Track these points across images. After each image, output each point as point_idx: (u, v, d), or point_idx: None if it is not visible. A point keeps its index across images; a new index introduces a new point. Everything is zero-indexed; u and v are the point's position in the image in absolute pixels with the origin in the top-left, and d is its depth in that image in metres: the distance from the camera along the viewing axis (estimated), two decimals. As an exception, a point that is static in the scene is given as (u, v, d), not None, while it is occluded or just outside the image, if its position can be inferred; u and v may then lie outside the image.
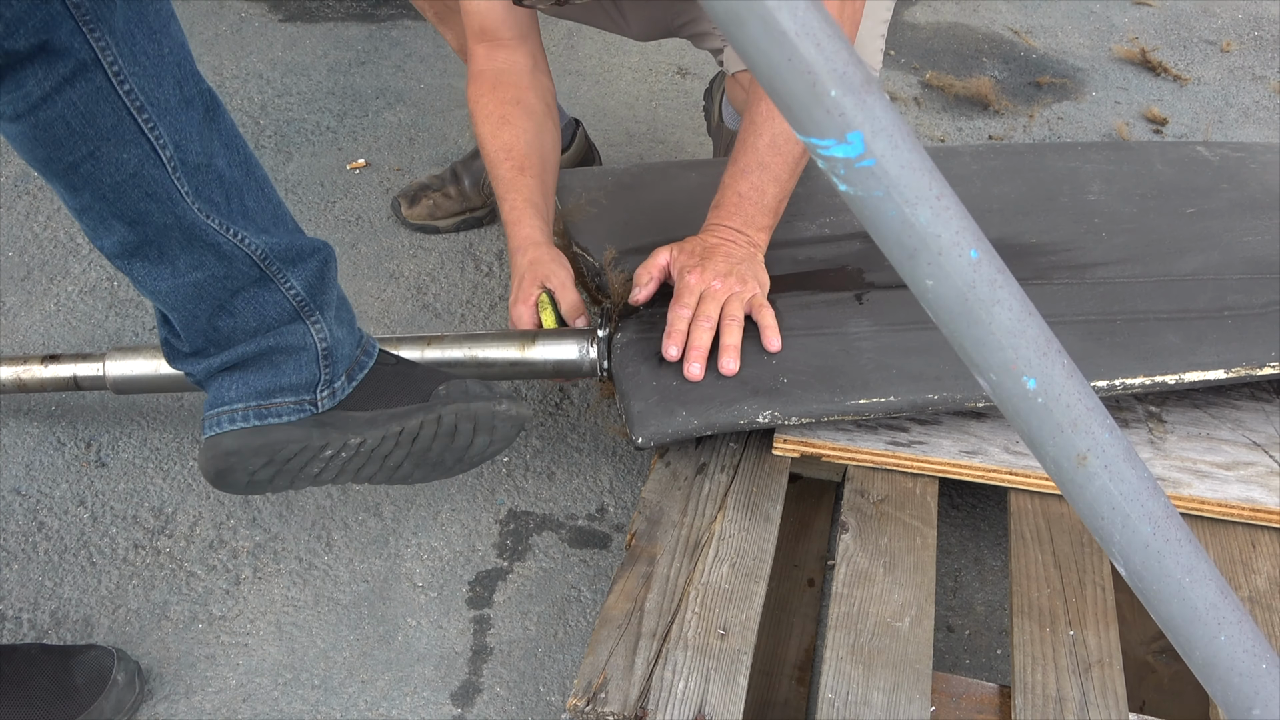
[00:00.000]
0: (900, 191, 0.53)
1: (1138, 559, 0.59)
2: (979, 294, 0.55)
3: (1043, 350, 0.56)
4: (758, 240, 1.58)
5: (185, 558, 1.59)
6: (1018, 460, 1.49)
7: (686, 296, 1.52)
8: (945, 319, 0.56)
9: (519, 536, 1.64)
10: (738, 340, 1.49)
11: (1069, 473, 0.58)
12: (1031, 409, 0.57)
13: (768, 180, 1.57)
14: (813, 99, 0.52)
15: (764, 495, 1.47)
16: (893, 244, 0.54)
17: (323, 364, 1.33)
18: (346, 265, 2.12)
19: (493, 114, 1.76)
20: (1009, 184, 1.89)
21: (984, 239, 0.55)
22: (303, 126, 2.50)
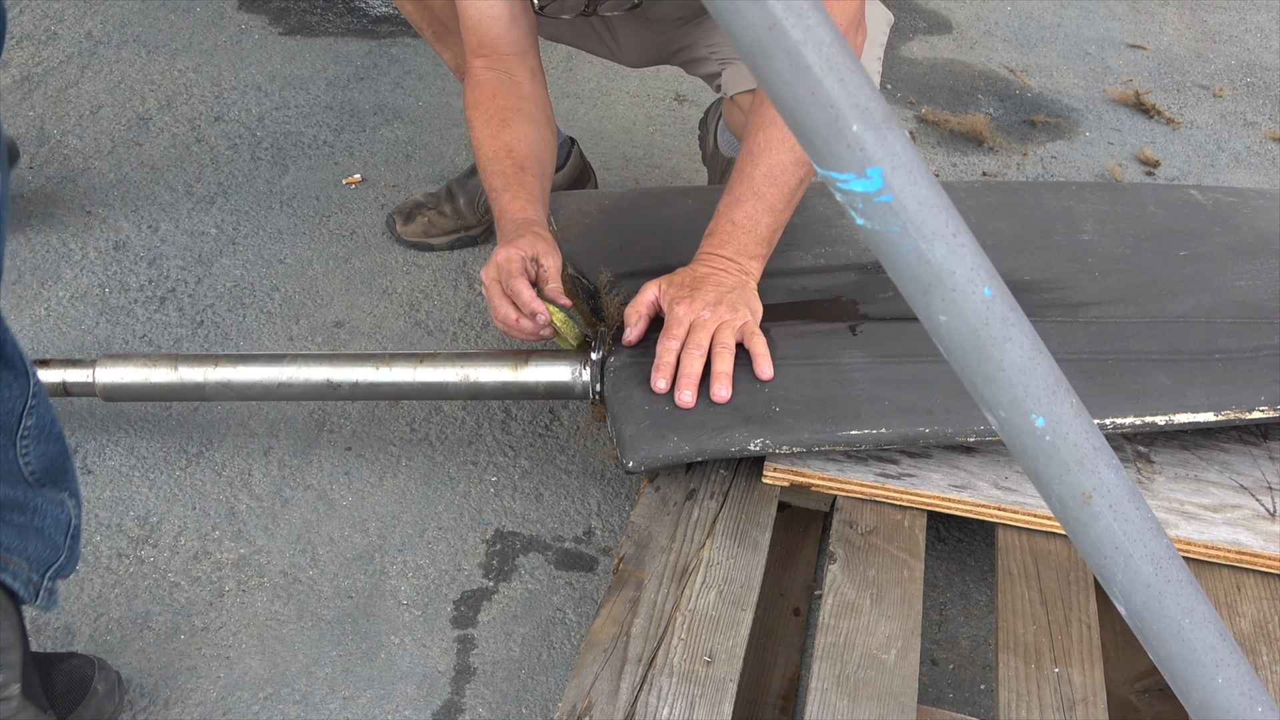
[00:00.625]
0: (917, 227, 0.53)
1: (1139, 599, 0.59)
2: (991, 331, 0.55)
3: (1052, 389, 0.57)
4: (750, 269, 1.58)
5: (169, 568, 1.59)
6: (1006, 496, 1.49)
7: (676, 328, 1.52)
8: (957, 354, 0.56)
9: (505, 557, 1.63)
10: (729, 368, 1.49)
11: (1074, 511, 0.58)
12: (1039, 446, 0.58)
13: (762, 210, 1.57)
14: (834, 133, 0.52)
15: (753, 523, 1.47)
16: (908, 279, 0.55)
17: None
18: (340, 280, 2.12)
19: (493, 117, 1.73)
20: (1003, 221, 1.90)
21: (997, 277, 0.56)
22: (300, 140, 2.51)
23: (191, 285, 2.07)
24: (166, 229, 2.20)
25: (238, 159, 2.42)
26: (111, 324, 1.98)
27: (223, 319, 2.01)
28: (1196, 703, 0.62)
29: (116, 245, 2.15)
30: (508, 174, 1.68)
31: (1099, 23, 3.37)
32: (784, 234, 1.67)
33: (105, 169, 2.35)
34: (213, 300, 2.05)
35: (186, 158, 2.41)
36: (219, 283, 2.09)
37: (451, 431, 1.82)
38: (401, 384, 1.61)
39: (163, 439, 1.77)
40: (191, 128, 2.51)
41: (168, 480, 1.71)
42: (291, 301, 2.06)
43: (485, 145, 1.71)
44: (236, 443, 1.78)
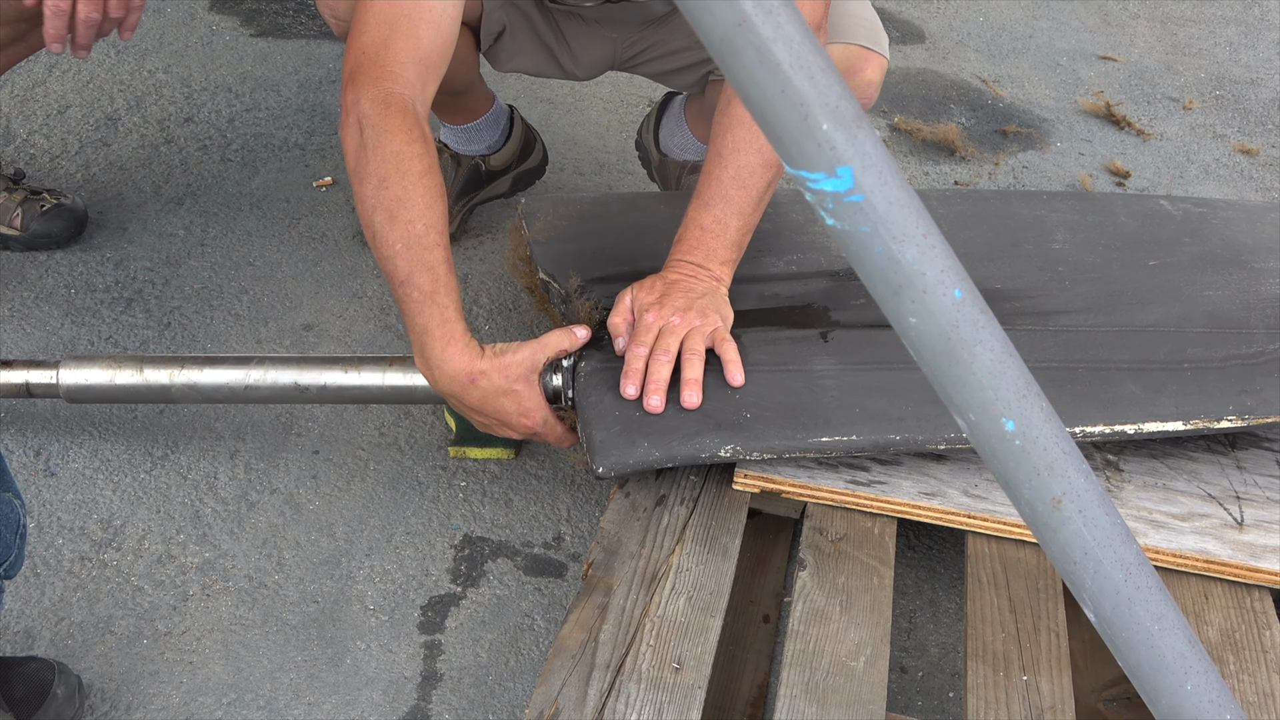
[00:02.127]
0: (887, 228, 0.53)
1: (1108, 605, 0.59)
2: (961, 334, 0.55)
3: (1022, 392, 0.56)
4: (720, 274, 1.57)
5: (132, 572, 1.57)
6: (976, 504, 1.49)
7: (644, 335, 1.50)
8: (926, 357, 0.56)
9: (473, 562, 1.62)
10: (699, 374, 1.48)
11: (1043, 516, 0.58)
12: (1009, 451, 0.57)
13: (731, 214, 1.56)
14: (804, 132, 0.52)
15: (723, 529, 1.46)
16: (877, 280, 0.54)
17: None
18: (309, 283, 2.10)
19: (427, 175, 1.45)
20: (974, 229, 1.90)
21: (968, 279, 0.55)
22: (270, 142, 2.49)
23: (159, 287, 2.05)
24: (134, 230, 2.18)
25: (207, 160, 2.40)
26: (77, 325, 1.95)
27: (190, 321, 1.99)
28: (1165, 710, 0.61)
29: (83, 246, 2.13)
30: (438, 274, 1.43)
31: (1070, 34, 3.39)
32: (755, 240, 1.66)
33: (72, 169, 2.33)
34: (180, 302, 2.03)
35: (155, 159, 2.39)
36: (187, 284, 2.07)
37: (421, 436, 1.81)
38: (370, 387, 1.60)
39: (127, 441, 1.75)
40: (161, 129, 2.48)
41: (132, 483, 1.69)
42: (260, 304, 2.04)
43: (410, 216, 1.43)
44: (202, 446, 1.76)
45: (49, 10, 1.64)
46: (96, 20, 1.66)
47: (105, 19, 1.67)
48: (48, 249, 2.10)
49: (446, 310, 1.43)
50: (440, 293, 1.43)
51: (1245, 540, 1.48)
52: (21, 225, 2.08)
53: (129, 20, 1.71)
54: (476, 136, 2.19)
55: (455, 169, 2.20)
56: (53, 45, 1.67)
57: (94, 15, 1.65)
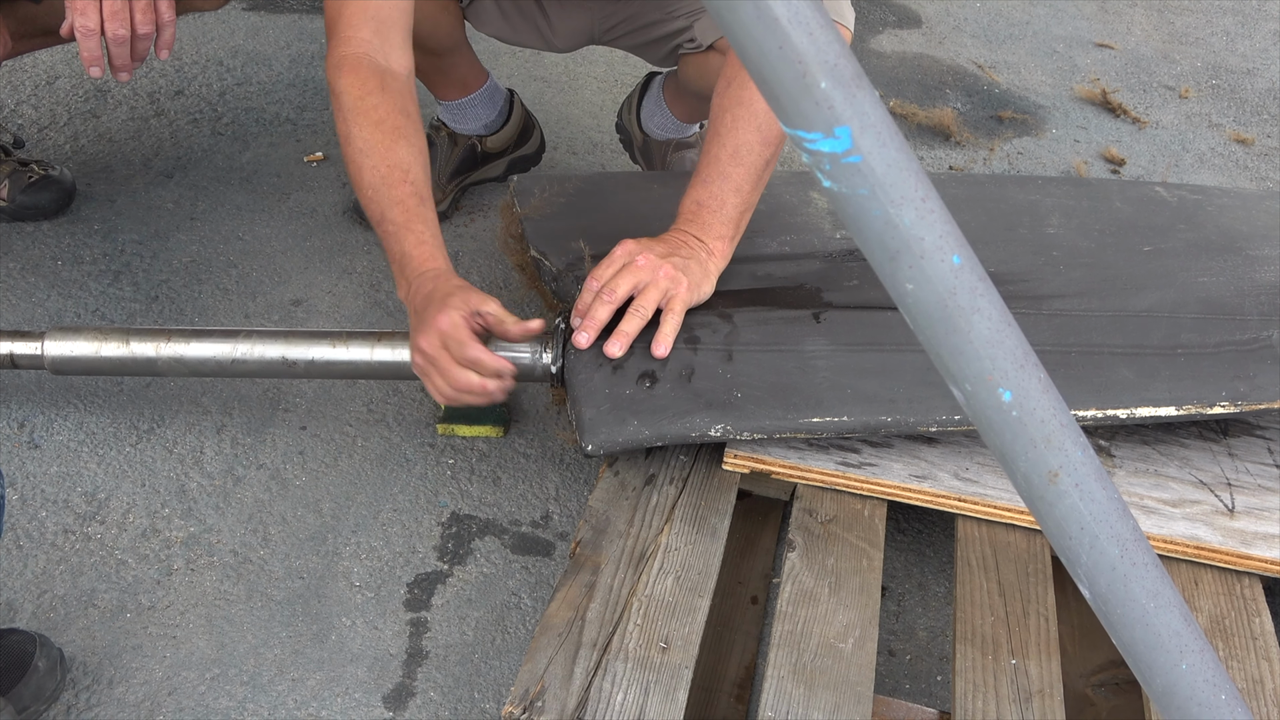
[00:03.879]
0: (885, 191, 0.52)
1: (1103, 581, 0.58)
2: (959, 301, 0.53)
3: (1020, 363, 0.55)
4: (714, 249, 1.55)
5: (116, 545, 1.55)
6: (967, 487, 1.48)
7: (604, 268, 1.50)
8: (923, 325, 0.55)
9: (460, 540, 1.61)
10: (634, 330, 1.47)
11: (1039, 489, 0.57)
12: (1006, 422, 0.56)
13: (728, 190, 1.55)
14: (802, 90, 0.50)
15: (712, 510, 1.45)
16: (875, 245, 0.53)
17: None
18: (298, 258, 2.08)
19: (385, 121, 1.51)
20: (969, 213, 1.89)
21: (967, 245, 0.54)
22: (261, 117, 2.47)
23: (147, 260, 2.03)
24: (122, 202, 2.16)
25: (197, 134, 2.38)
26: (63, 297, 1.93)
27: (178, 294, 1.97)
28: (1159, 689, 0.60)
29: (70, 218, 2.10)
30: (408, 205, 1.49)
31: (1067, 21, 3.38)
32: (751, 222, 1.65)
33: (60, 140, 2.31)
34: (168, 275, 2.00)
35: (145, 131, 2.37)
36: (175, 258, 2.05)
37: (409, 413, 1.79)
38: (358, 363, 1.58)
39: (113, 414, 1.73)
40: (151, 101, 2.46)
41: (117, 456, 1.67)
42: (249, 279, 2.02)
43: (375, 155, 1.50)
44: (189, 420, 1.74)
45: (79, 33, 1.63)
46: (124, 37, 1.64)
47: (135, 36, 1.65)
48: (35, 220, 2.08)
49: (422, 235, 1.49)
50: (414, 221, 1.49)
51: (1236, 527, 1.47)
52: (9, 196, 2.06)
53: (163, 37, 1.69)
54: (471, 114, 2.17)
55: (451, 147, 2.18)
56: (91, 69, 1.65)
57: (121, 32, 1.63)
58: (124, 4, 1.63)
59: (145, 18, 1.65)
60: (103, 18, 1.62)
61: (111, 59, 1.68)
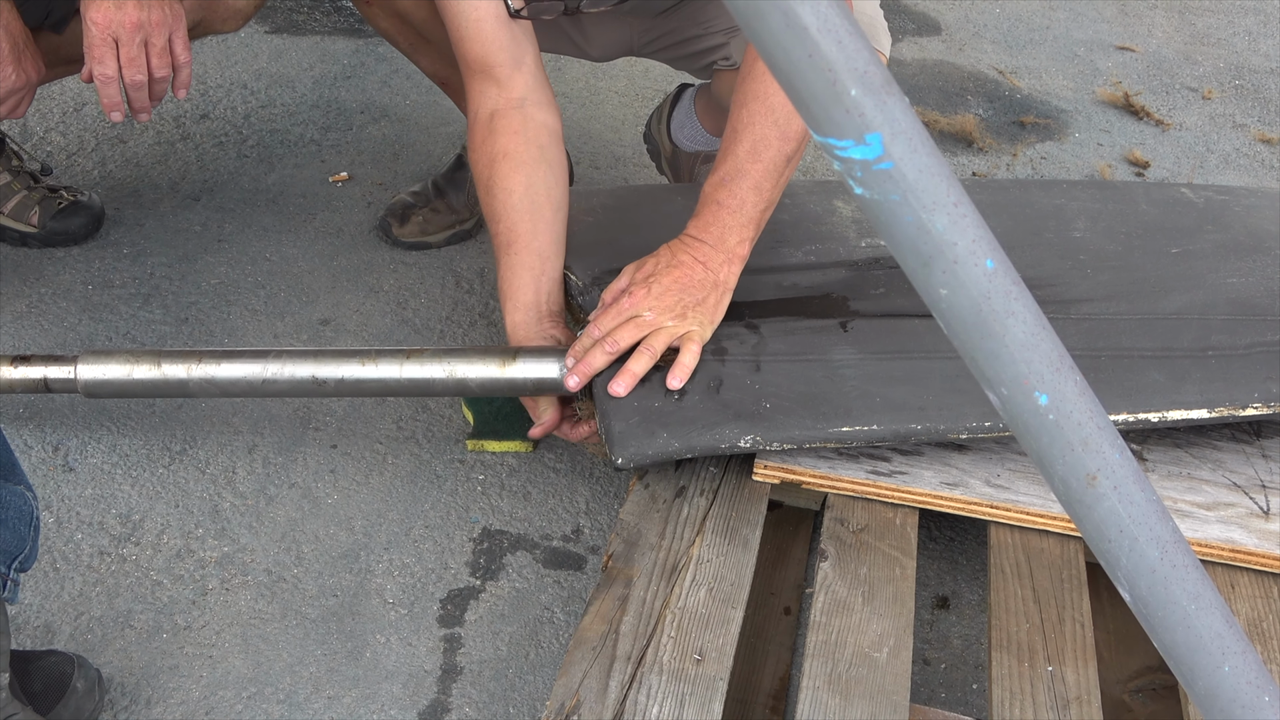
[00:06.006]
0: (917, 196, 0.52)
1: (1144, 584, 0.57)
2: (994, 305, 0.53)
3: (1055, 365, 0.55)
4: (735, 254, 1.53)
5: (151, 566, 1.56)
6: (999, 494, 1.48)
7: (608, 318, 1.50)
8: (958, 330, 0.55)
9: (492, 555, 1.61)
10: (641, 370, 1.48)
11: (1078, 493, 0.57)
12: (1042, 425, 0.56)
13: (747, 188, 1.52)
14: (832, 98, 0.50)
15: (743, 521, 1.45)
16: (907, 251, 0.53)
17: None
18: (325, 278, 2.09)
19: (481, 176, 1.67)
20: (994, 219, 1.88)
21: (1000, 249, 0.54)
22: (286, 138, 2.48)
23: (176, 282, 2.05)
24: (150, 226, 2.18)
25: (224, 157, 2.40)
26: (94, 321, 1.95)
27: (207, 316, 1.98)
28: (1202, 692, 0.60)
29: (100, 242, 2.12)
30: (497, 257, 1.65)
31: (1088, 25, 3.37)
32: (773, 230, 1.65)
33: (89, 166, 2.33)
34: (197, 298, 2.02)
35: (171, 155, 2.39)
36: (203, 280, 2.06)
37: (438, 429, 1.80)
38: (387, 380, 1.59)
39: (145, 436, 1.75)
40: (177, 125, 2.48)
41: (150, 478, 1.68)
42: (277, 299, 2.04)
43: (482, 210, 1.68)
44: (220, 440, 1.75)
45: (98, 80, 1.65)
46: (142, 81, 1.66)
47: (152, 80, 1.68)
48: (65, 245, 2.10)
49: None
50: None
51: (1272, 529, 1.46)
52: (39, 222, 2.08)
53: (179, 77, 1.71)
54: None
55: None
56: (112, 115, 1.69)
57: (139, 78, 1.66)
58: (140, 50, 1.65)
59: (161, 61, 1.67)
60: (120, 64, 1.64)
61: (131, 103, 1.70)
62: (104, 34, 1.62)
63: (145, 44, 1.64)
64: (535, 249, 1.63)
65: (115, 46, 1.63)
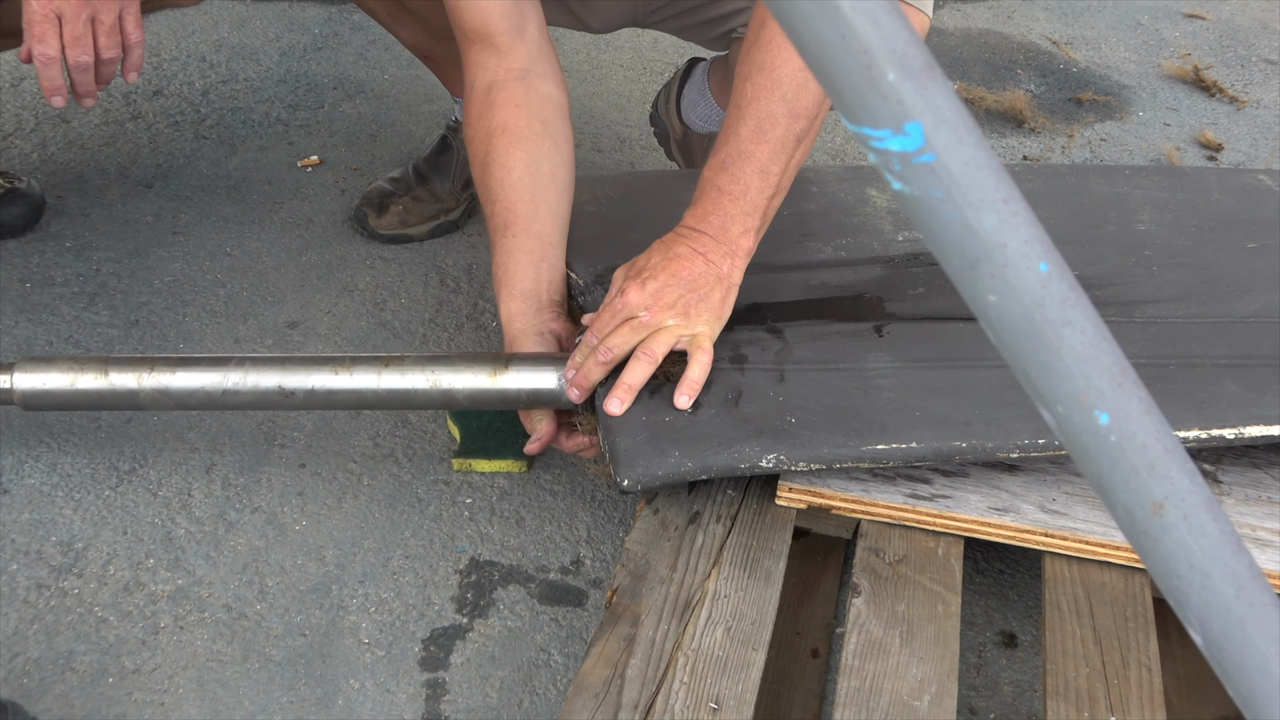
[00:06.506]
0: (963, 192, 0.52)
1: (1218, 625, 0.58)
2: (1048, 313, 0.54)
3: (1118, 381, 0.55)
4: (735, 248, 1.53)
5: (96, 601, 1.57)
6: (1055, 520, 1.48)
7: (604, 322, 1.50)
8: (1008, 341, 0.55)
9: (481, 590, 1.62)
10: (639, 380, 1.48)
11: (1142, 523, 0.57)
12: (1103, 448, 0.56)
13: (752, 172, 1.52)
14: (868, 83, 0.51)
15: (765, 551, 1.46)
16: (952, 253, 0.54)
17: None
18: (293, 275, 2.10)
19: (477, 153, 1.70)
20: (1048, 209, 1.89)
21: (1055, 251, 0.54)
22: (249, 117, 2.50)
23: (125, 280, 2.06)
24: (97, 216, 2.19)
25: (179, 138, 2.41)
26: (33, 323, 1.96)
27: (160, 318, 1.99)
28: (1282, 747, 0.60)
29: (40, 234, 2.14)
30: (492, 241, 1.68)
31: (1154, -10, 3.38)
32: (800, 223, 1.66)
33: (28, 149, 2.34)
34: (149, 297, 2.03)
35: (121, 136, 2.40)
36: (156, 278, 2.07)
37: (420, 447, 1.81)
38: (364, 391, 1.59)
39: (90, 454, 1.76)
40: (126, 103, 2.50)
41: (95, 501, 1.69)
42: (238, 299, 2.05)
43: (478, 190, 1.71)
44: (174, 458, 1.76)
45: (38, 61, 1.64)
46: (87, 63, 1.66)
47: (99, 61, 1.68)
48: (0, 238, 2.11)
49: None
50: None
51: (1363, 561, 1.46)
52: (-30, 213, 2.09)
53: (130, 59, 1.71)
54: None
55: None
56: (53, 99, 1.68)
57: (84, 59, 1.65)
58: (86, 28, 1.64)
59: (110, 40, 1.67)
60: (63, 43, 1.64)
61: (74, 86, 1.69)
62: (45, 9, 1.62)
63: (92, 21, 1.64)
64: (536, 232, 1.64)
65: (58, 23, 1.63)
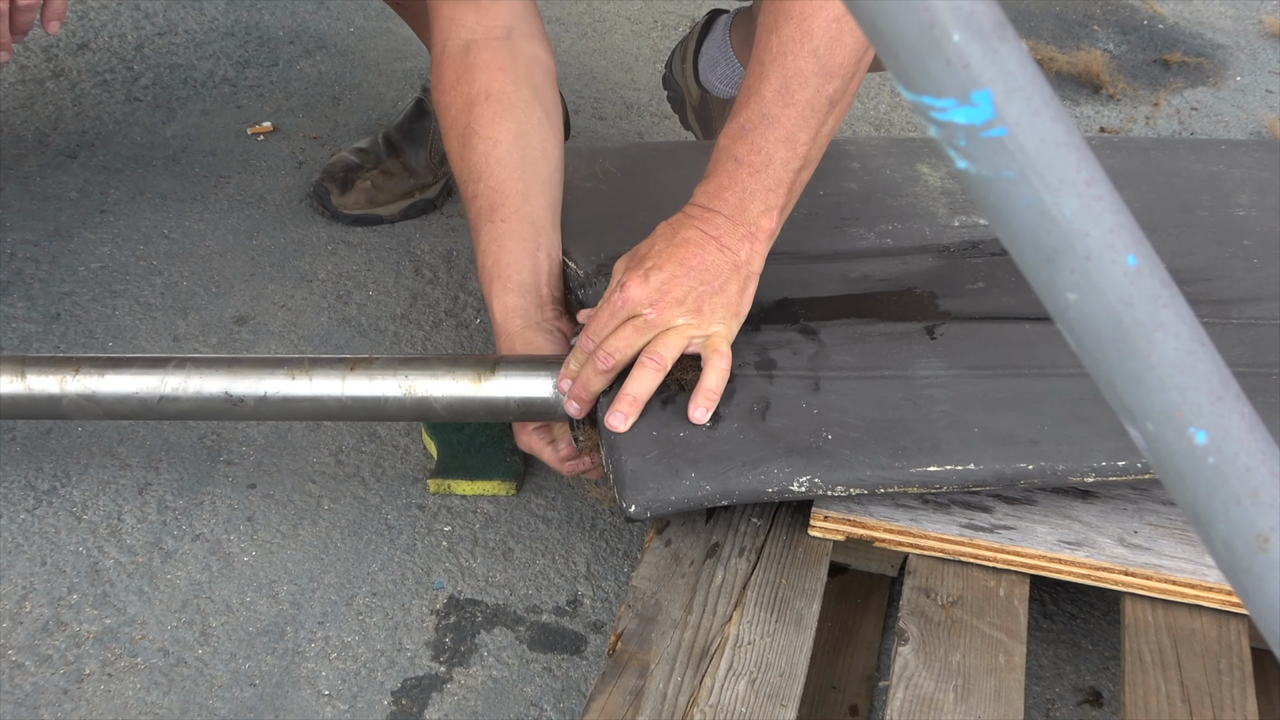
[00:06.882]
0: (1039, 172, 0.53)
1: (1332, 680, 0.58)
2: (1137, 314, 0.54)
3: (1217, 394, 0.56)
4: (759, 228, 1.52)
5: (9, 643, 1.58)
6: (1136, 556, 1.49)
7: (602, 322, 1.50)
8: (1090, 347, 0.56)
9: (462, 633, 1.62)
10: (645, 391, 1.48)
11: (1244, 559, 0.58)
12: (1199, 472, 0.57)
13: (775, 140, 1.51)
14: (929, 45, 0.52)
15: (796, 590, 1.46)
16: (1025, 243, 0.54)
17: None
18: (242, 262, 2.11)
19: (455, 123, 1.71)
20: (1130, 191, 1.90)
21: (1145, 242, 0.55)
22: (190, 76, 2.50)
23: (44, 266, 2.07)
24: (11, 191, 2.20)
25: (109, 100, 2.42)
26: (-64, 317, 1.97)
27: (86, 312, 2.00)
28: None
29: (-56, 213, 2.15)
30: (476, 227, 1.68)
31: (1255, -68, 3.39)
32: (839, 204, 1.66)
33: (-70, 112, 2.35)
34: (72, 287, 2.04)
35: (39, 98, 2.41)
36: (81, 264, 2.08)
37: (391, 465, 1.81)
38: (325, 399, 1.60)
39: (2, 470, 1.76)
40: (47, 59, 2.50)
41: (9, 526, 1.70)
42: (178, 289, 2.05)
43: (454, 167, 1.72)
44: (102, 476, 1.77)
45: None
46: (3, 10, 1.66)
47: (15, 8, 1.68)
48: (-103, 217, 2.12)
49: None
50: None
51: None
52: None
53: (51, 6, 1.71)
54: None
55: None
56: None
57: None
58: None
59: None
60: None
61: None
62: None
63: None
64: (528, 215, 1.65)
65: None
